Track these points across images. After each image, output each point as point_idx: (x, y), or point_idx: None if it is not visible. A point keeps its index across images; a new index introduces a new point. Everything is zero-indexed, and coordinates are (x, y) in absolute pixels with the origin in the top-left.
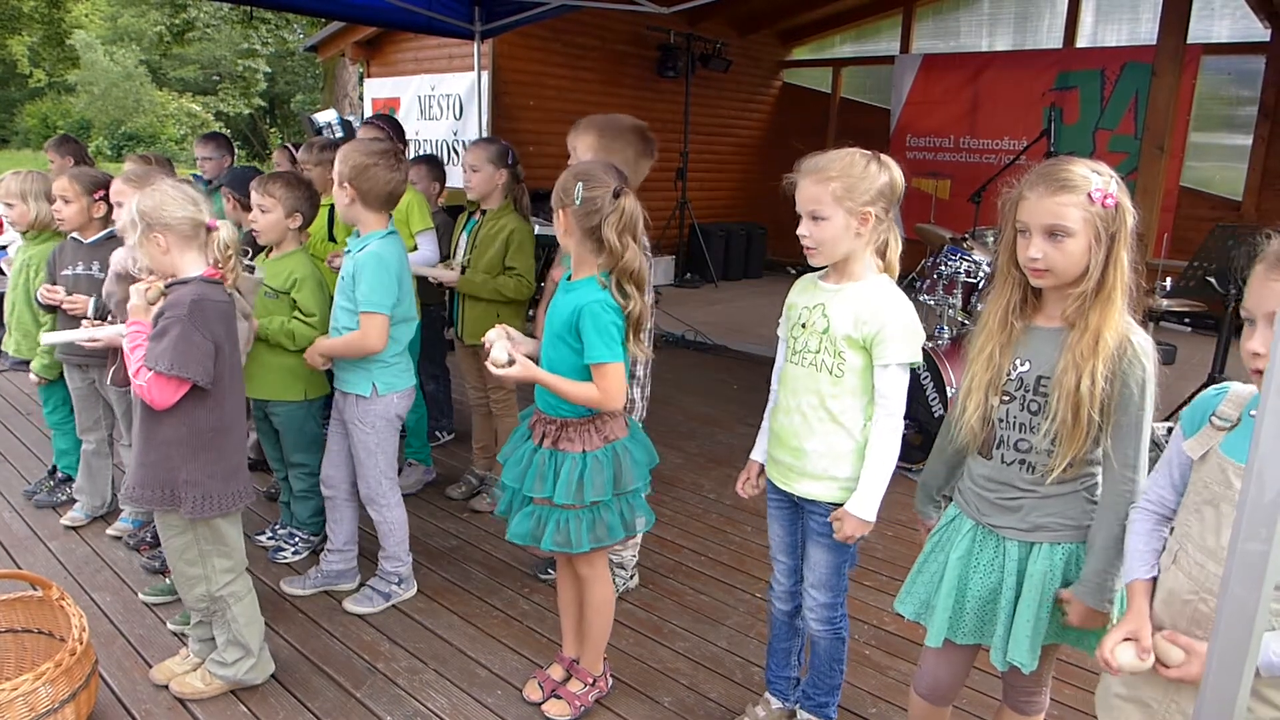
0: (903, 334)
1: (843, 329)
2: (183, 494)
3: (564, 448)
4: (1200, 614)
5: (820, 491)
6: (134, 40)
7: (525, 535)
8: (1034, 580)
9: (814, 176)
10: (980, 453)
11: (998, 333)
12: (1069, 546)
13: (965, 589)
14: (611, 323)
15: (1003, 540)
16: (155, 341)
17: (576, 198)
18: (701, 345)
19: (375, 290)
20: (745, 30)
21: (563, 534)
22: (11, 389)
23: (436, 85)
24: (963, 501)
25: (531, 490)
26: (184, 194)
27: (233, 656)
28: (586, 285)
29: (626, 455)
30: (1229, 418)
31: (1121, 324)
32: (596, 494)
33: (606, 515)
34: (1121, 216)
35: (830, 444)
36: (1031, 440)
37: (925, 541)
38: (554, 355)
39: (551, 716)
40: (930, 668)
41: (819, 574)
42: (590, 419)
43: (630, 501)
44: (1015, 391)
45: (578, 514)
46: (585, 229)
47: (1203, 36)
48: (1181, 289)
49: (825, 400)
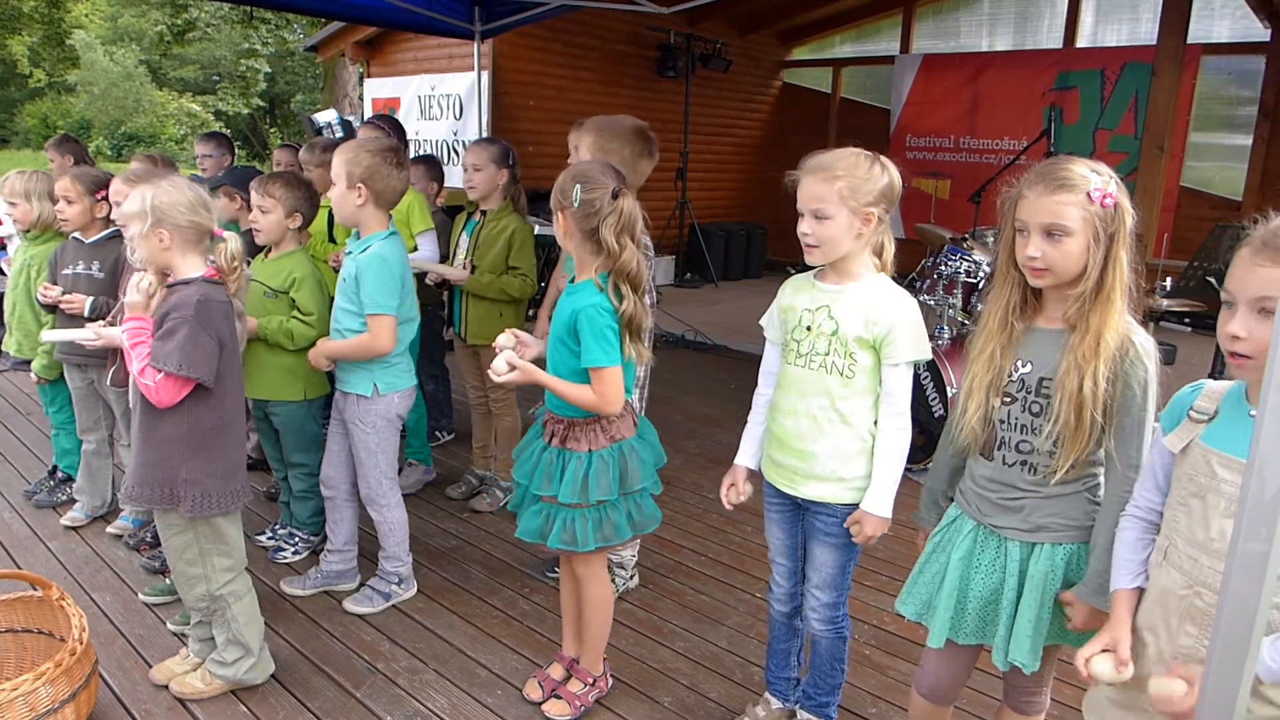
0: (913, 333)
1: (854, 330)
2: (182, 492)
3: (571, 447)
4: (1195, 609)
5: (829, 493)
6: (134, 40)
7: (534, 533)
8: (1035, 581)
9: (819, 175)
10: (981, 454)
11: (998, 333)
12: (1070, 547)
13: (967, 589)
14: (607, 326)
15: (1004, 541)
16: (163, 342)
17: (575, 200)
18: (701, 345)
19: (381, 292)
20: (745, 30)
21: (569, 533)
22: (11, 389)
23: (436, 85)
24: (964, 502)
25: (539, 488)
26: (199, 197)
27: (232, 656)
28: (584, 288)
29: (633, 455)
30: (1206, 410)
31: (1122, 325)
32: (602, 493)
33: (613, 515)
34: (1120, 216)
35: (840, 445)
36: (1033, 442)
37: (925, 544)
38: (556, 358)
39: (552, 716)
40: (932, 668)
41: (825, 574)
42: (597, 419)
43: (638, 501)
44: (1017, 393)
45: (584, 513)
46: (584, 231)
47: (1203, 36)
48: (1181, 289)
49: (836, 402)
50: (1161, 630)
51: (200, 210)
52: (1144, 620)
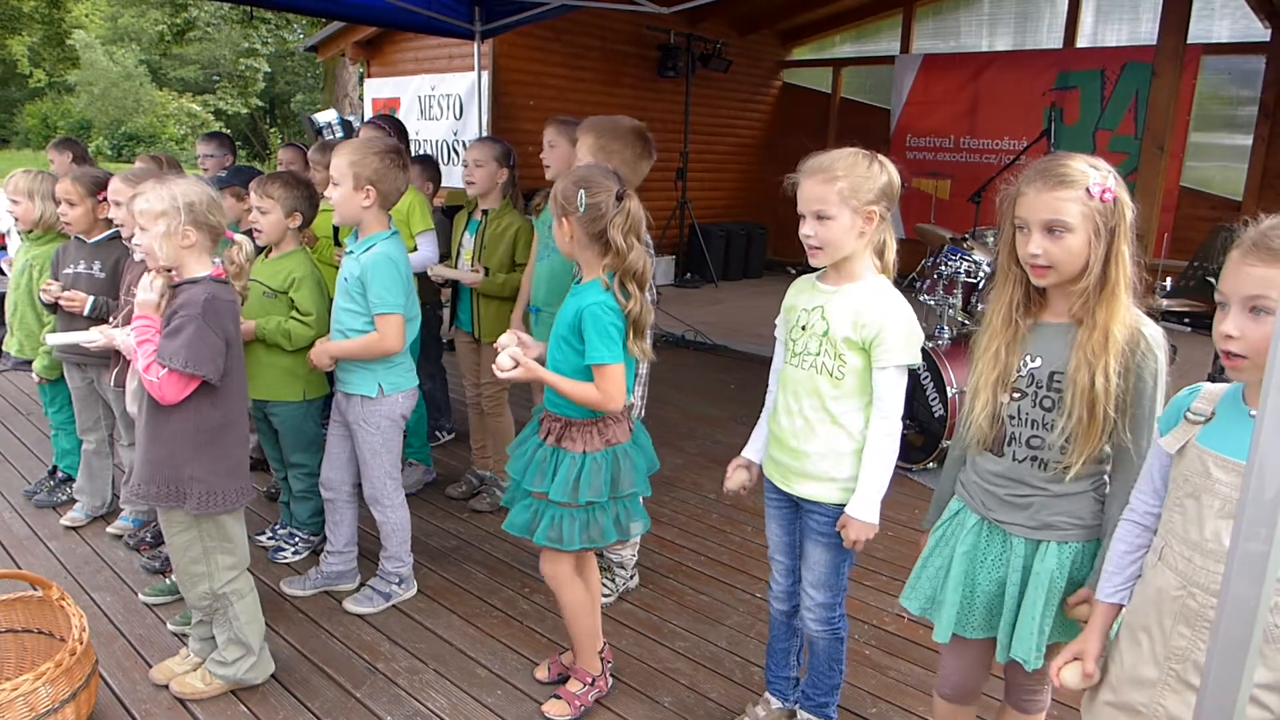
0: (902, 336)
1: (842, 331)
2: (188, 490)
3: (566, 446)
4: (1189, 609)
5: (821, 492)
6: (134, 40)
7: (521, 527)
8: (1041, 579)
9: (819, 176)
10: (991, 450)
11: (1002, 330)
12: (1076, 545)
13: (974, 584)
14: (612, 324)
15: (1009, 537)
16: (170, 339)
17: (580, 205)
18: (701, 345)
19: (389, 291)
20: (745, 30)
21: (556, 530)
22: (12, 389)
23: (437, 85)
24: (967, 496)
25: (531, 484)
26: (217, 198)
27: (233, 655)
28: (590, 288)
29: (626, 459)
30: (1202, 412)
31: (1130, 318)
32: (592, 495)
33: (601, 517)
34: (1120, 211)
35: (831, 445)
36: (1045, 437)
37: (928, 538)
38: (558, 357)
39: (551, 716)
40: (951, 668)
41: (818, 573)
42: (594, 421)
43: (627, 506)
44: (1026, 388)
45: (572, 513)
46: (591, 234)
47: (1203, 36)
48: (1181, 289)
49: (826, 402)
50: (1156, 631)
51: (221, 214)
52: (1138, 620)
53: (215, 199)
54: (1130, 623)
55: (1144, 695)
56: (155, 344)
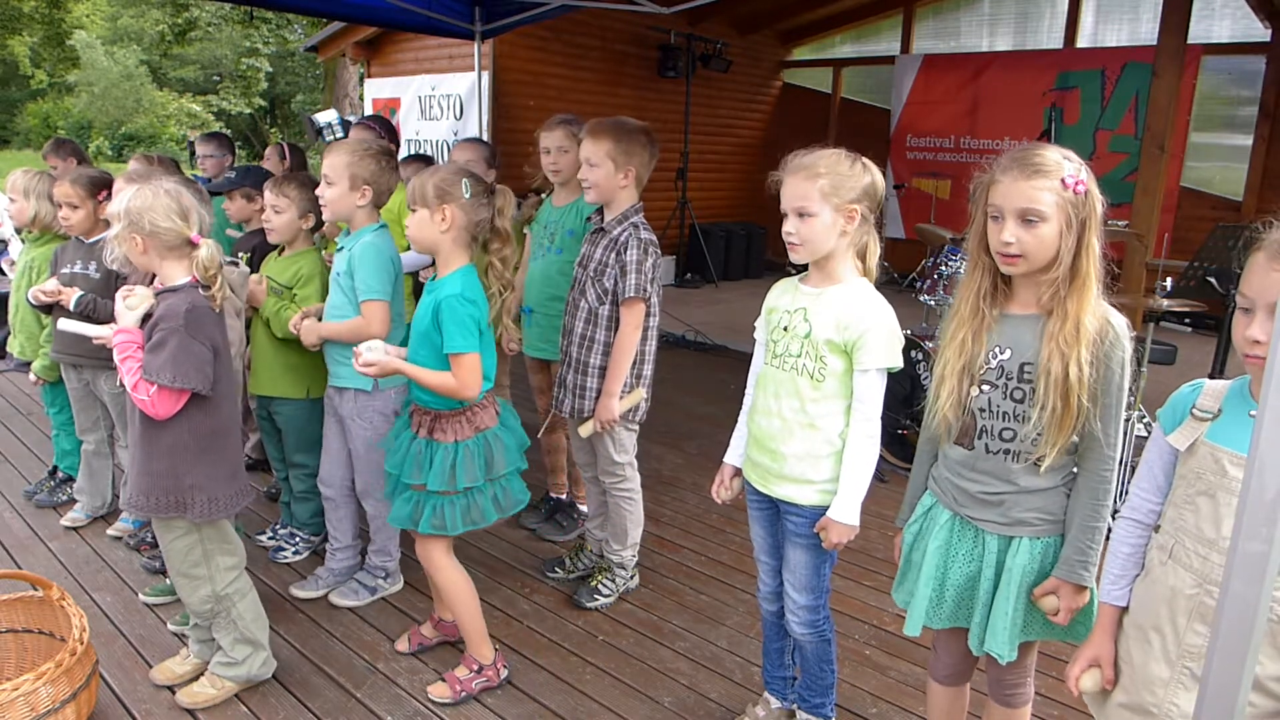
0: (885, 339)
1: (824, 333)
2: (190, 499)
3: (438, 438)
4: (1205, 607)
5: (798, 494)
6: (134, 40)
7: (405, 519)
8: (1014, 574)
9: (801, 174)
10: (959, 442)
11: (969, 319)
12: (1048, 540)
13: (945, 578)
14: (468, 315)
15: (981, 532)
16: (154, 354)
17: (465, 192)
18: (701, 345)
19: (374, 277)
20: (745, 30)
21: (439, 518)
22: (12, 389)
23: (437, 85)
24: (939, 491)
25: (409, 477)
26: (176, 203)
27: (242, 654)
28: (448, 281)
29: (498, 442)
30: (1209, 409)
31: (1100, 308)
32: (469, 480)
33: (480, 499)
34: (1090, 203)
35: (809, 447)
36: (1018, 429)
37: (903, 535)
38: (422, 352)
39: (433, 697)
40: (942, 651)
41: (799, 575)
42: (461, 411)
43: (504, 485)
44: (996, 380)
45: (452, 499)
46: (474, 223)
47: (1203, 36)
48: (1181, 289)
49: (805, 404)
50: (1168, 630)
51: (175, 216)
52: (1148, 620)
53: (174, 205)
54: (1138, 623)
55: (1155, 694)
56: (138, 360)
